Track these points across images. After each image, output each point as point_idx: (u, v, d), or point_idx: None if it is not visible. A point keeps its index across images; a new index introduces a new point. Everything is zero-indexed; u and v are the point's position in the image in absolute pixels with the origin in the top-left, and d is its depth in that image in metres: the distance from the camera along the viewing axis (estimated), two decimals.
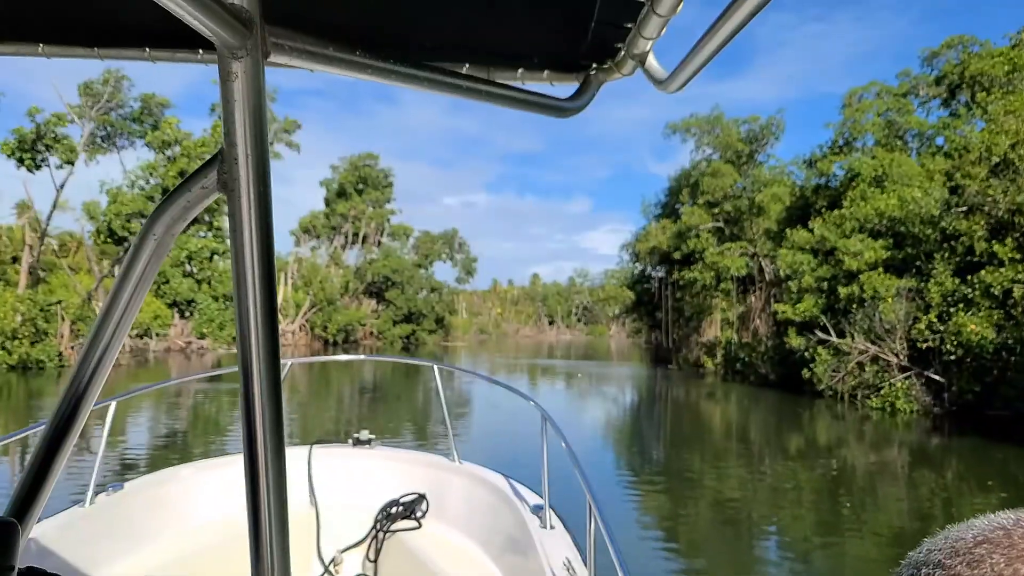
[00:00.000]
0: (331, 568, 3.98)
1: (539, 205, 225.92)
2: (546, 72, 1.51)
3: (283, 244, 64.55)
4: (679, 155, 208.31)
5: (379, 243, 67.18)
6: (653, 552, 8.62)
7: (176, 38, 1.33)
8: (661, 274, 43.83)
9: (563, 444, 3.08)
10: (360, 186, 64.27)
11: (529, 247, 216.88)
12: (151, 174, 34.38)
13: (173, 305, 42.80)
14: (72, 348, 28.97)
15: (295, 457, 4.21)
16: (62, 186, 29.63)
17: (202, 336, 38.67)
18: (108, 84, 35.46)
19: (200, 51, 1.36)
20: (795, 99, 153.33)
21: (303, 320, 55.95)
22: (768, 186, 36.73)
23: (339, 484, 4.24)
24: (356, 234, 65.03)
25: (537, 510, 3.44)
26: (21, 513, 1.06)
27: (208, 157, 1.04)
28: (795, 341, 25.96)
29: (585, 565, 2.49)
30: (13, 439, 3.05)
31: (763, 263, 39.69)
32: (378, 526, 3.99)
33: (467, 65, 1.46)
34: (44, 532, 2.90)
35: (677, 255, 38.41)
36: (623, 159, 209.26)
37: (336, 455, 4.41)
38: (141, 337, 39.35)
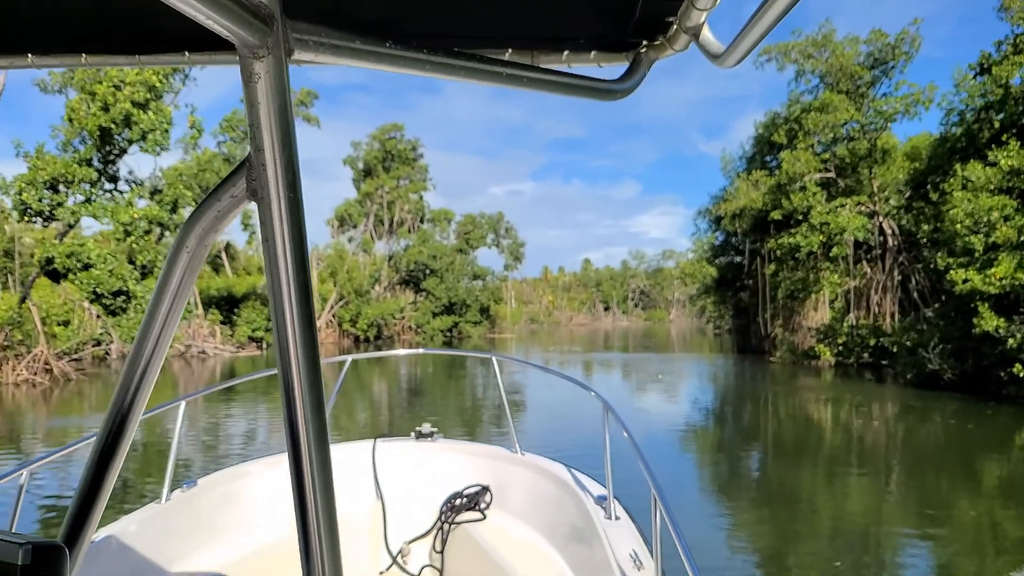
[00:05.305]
0: (399, 559, 4.09)
1: (587, 191, 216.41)
2: (593, 53, 1.44)
3: (320, 236, 58.33)
4: (731, 132, 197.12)
5: (418, 229, 60.18)
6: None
7: (215, 40, 1.27)
8: (751, 244, 35.23)
9: (625, 434, 3.01)
10: (387, 162, 57.21)
11: (578, 234, 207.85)
12: (71, 120, 26.84)
13: (95, 299, 29.62)
14: (8, 360, 22.56)
15: (360, 451, 4.33)
16: None
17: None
18: None
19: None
20: None
21: (329, 315, 49.40)
22: (894, 120, 28.10)
23: (404, 477, 4.32)
24: (392, 219, 58.16)
25: (601, 500, 3.38)
26: (73, 535, 1.02)
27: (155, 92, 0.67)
28: (991, 323, 17.57)
29: (651, 556, 2.45)
30: (61, 454, 3.00)
31: (885, 224, 31.10)
32: (443, 518, 4.04)
33: (509, 51, 1.41)
34: (124, 529, 3.02)
35: (776, 215, 29.87)
36: (671, 140, 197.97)
37: (400, 449, 4.46)
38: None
